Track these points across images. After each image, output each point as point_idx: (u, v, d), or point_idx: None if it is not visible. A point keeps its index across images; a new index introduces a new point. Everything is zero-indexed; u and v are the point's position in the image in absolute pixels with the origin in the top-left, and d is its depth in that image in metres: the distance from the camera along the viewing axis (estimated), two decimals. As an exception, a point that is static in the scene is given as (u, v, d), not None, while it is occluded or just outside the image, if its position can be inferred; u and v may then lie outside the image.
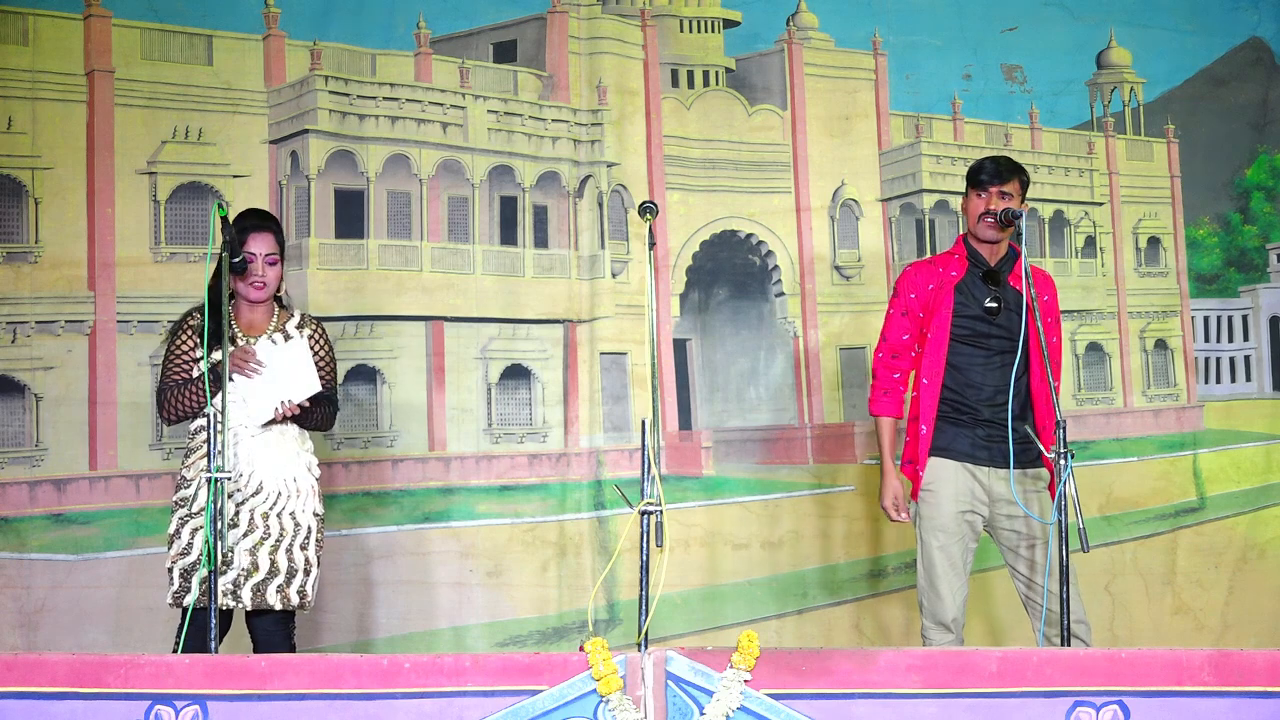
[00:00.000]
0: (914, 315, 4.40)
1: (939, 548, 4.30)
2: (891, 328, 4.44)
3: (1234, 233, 6.55)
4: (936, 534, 4.30)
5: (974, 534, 4.35)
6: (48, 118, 5.39)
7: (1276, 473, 6.37)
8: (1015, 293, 4.28)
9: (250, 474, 4.16)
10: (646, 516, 3.42)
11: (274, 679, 3.19)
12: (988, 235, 4.30)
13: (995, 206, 4.26)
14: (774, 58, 6.21)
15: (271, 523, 4.17)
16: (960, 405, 4.31)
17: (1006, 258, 4.35)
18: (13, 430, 5.32)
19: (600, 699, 3.19)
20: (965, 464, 4.30)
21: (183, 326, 4.24)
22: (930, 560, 4.31)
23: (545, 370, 5.79)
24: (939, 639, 4.30)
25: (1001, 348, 4.28)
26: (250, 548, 4.13)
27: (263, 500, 4.17)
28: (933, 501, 4.31)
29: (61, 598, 5.23)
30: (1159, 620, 6.06)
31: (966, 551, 4.32)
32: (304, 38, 5.66)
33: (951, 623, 4.30)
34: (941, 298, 4.34)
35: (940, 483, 4.31)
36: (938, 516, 4.30)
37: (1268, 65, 6.55)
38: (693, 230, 6.01)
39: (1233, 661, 3.27)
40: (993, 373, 4.29)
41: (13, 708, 3.17)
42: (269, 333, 4.26)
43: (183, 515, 4.12)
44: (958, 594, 4.30)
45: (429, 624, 5.51)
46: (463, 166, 5.84)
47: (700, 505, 5.83)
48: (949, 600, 4.29)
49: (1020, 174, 4.34)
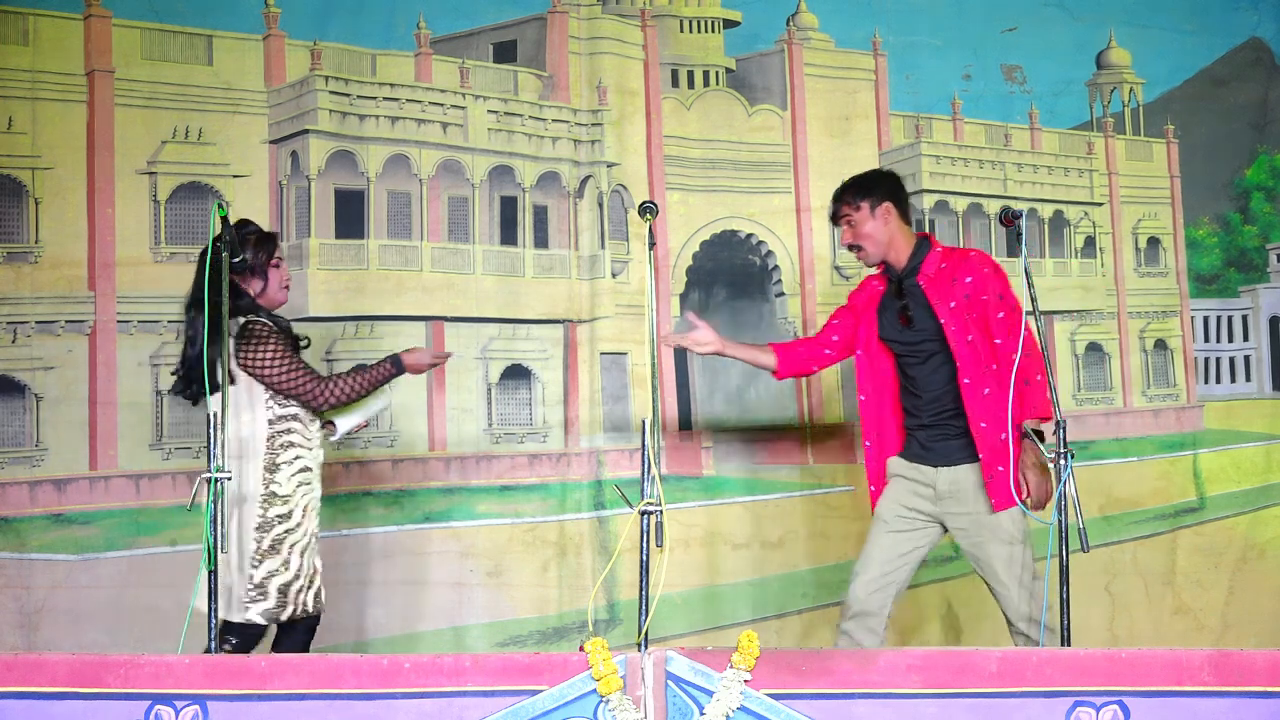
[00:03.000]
0: (844, 315, 4.55)
1: (871, 533, 4.37)
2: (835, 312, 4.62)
3: (1234, 233, 6.55)
4: (875, 520, 4.38)
5: (913, 534, 4.33)
6: (48, 118, 5.39)
7: (1276, 473, 6.37)
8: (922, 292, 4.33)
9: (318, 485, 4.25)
10: (646, 516, 3.42)
11: (274, 679, 3.20)
12: (863, 262, 4.46)
13: (844, 240, 4.43)
14: (774, 58, 6.21)
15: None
16: (910, 411, 4.39)
17: (914, 259, 4.37)
18: (13, 430, 5.32)
19: (600, 699, 3.19)
20: (915, 463, 4.35)
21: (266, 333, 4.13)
22: (864, 546, 4.38)
23: (545, 370, 5.79)
24: (842, 624, 4.30)
25: (932, 350, 4.32)
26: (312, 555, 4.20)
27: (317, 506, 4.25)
28: (885, 492, 4.40)
29: (61, 598, 5.23)
30: (1159, 620, 6.07)
31: (898, 548, 4.32)
32: (304, 38, 5.66)
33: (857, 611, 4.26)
34: (868, 315, 4.46)
35: (893, 477, 4.40)
36: (881, 506, 4.39)
37: (1268, 65, 6.55)
38: (693, 230, 6.01)
39: (1233, 661, 3.27)
40: (929, 376, 4.33)
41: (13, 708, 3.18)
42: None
43: (280, 532, 4.10)
44: (870, 582, 4.28)
45: (429, 624, 5.51)
46: (463, 166, 5.84)
47: (700, 505, 5.83)
48: (857, 584, 4.30)
49: (846, 193, 4.42)
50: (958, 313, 4.25)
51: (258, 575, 4.09)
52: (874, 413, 4.45)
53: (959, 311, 4.25)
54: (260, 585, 4.09)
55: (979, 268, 4.31)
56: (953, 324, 4.25)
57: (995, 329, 4.25)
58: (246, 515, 4.11)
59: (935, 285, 4.31)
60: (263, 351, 4.12)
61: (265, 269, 4.25)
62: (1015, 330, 4.20)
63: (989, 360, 4.23)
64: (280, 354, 4.13)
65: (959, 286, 4.28)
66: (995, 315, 4.26)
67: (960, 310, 4.26)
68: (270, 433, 4.16)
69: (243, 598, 4.08)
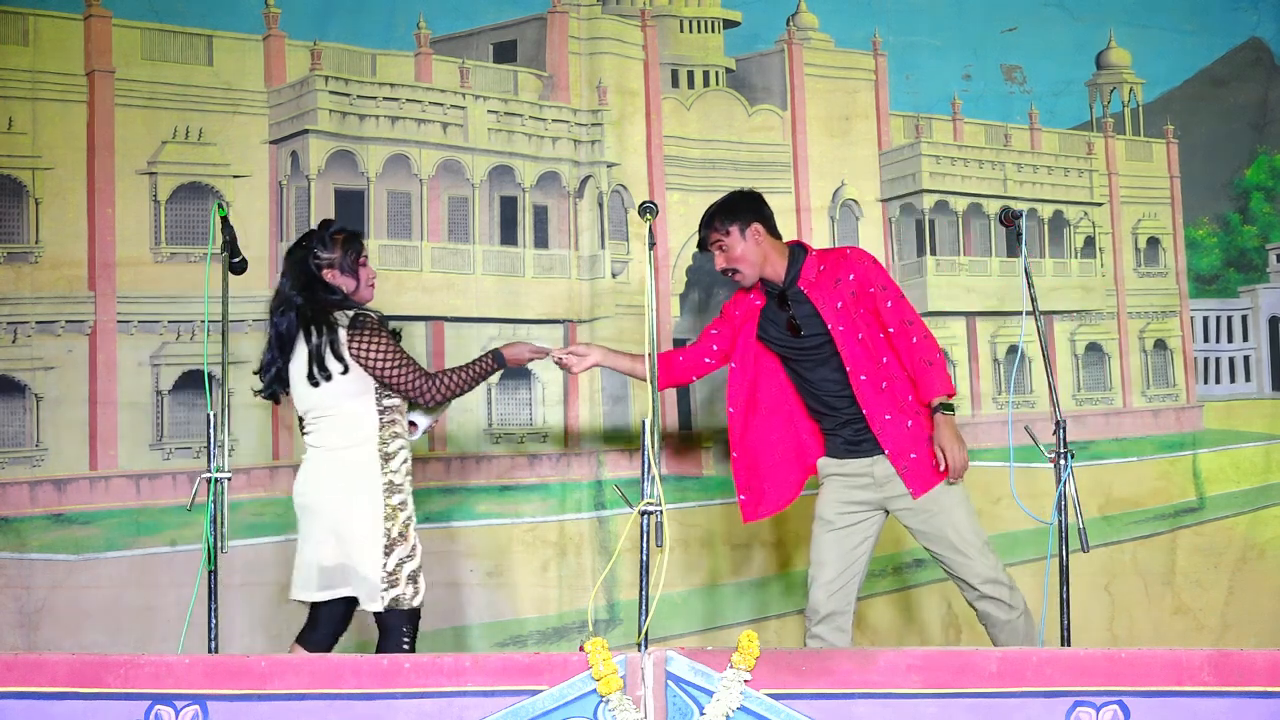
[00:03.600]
0: (721, 325, 4.61)
1: (815, 534, 4.40)
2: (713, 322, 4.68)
3: (1233, 233, 6.55)
4: (816, 520, 4.41)
5: (863, 524, 4.37)
6: (48, 118, 5.39)
7: (1276, 473, 6.37)
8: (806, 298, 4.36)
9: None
10: (646, 516, 3.43)
11: (274, 679, 3.20)
12: (741, 284, 4.46)
13: (718, 264, 4.46)
14: (774, 58, 6.21)
15: None
16: (821, 414, 4.43)
17: (792, 268, 4.41)
18: (13, 430, 5.32)
19: (600, 699, 3.19)
20: (846, 458, 4.38)
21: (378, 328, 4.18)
22: (811, 549, 4.41)
23: (545, 370, 5.78)
24: (812, 629, 4.32)
25: (827, 353, 4.35)
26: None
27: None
28: (821, 492, 4.44)
29: (61, 598, 5.23)
30: (1159, 620, 6.07)
31: (847, 543, 4.34)
32: (304, 38, 5.66)
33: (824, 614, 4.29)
34: (746, 327, 4.48)
35: (826, 477, 4.43)
36: (820, 505, 4.42)
37: (1267, 65, 6.55)
38: (693, 230, 5.98)
39: (1232, 661, 3.27)
40: (828, 378, 4.36)
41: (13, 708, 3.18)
42: None
43: (404, 519, 4.14)
44: (828, 584, 4.31)
45: (429, 624, 5.49)
46: (463, 166, 5.84)
47: (700, 505, 5.82)
48: (817, 589, 4.33)
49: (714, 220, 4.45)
50: (844, 312, 4.30)
51: (389, 563, 4.11)
52: (740, 424, 4.48)
53: (846, 311, 4.30)
54: (393, 573, 4.11)
55: (858, 264, 4.37)
56: (840, 324, 4.29)
57: (886, 318, 4.30)
58: (366, 506, 4.13)
59: (818, 289, 4.35)
60: (376, 343, 4.15)
61: (355, 268, 4.27)
62: (904, 316, 4.29)
63: (880, 354, 4.29)
64: (391, 347, 4.17)
65: (843, 285, 4.32)
66: (884, 305, 4.31)
67: (847, 309, 4.30)
68: (381, 422, 4.19)
69: (379, 585, 4.10)
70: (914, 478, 4.24)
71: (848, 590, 4.32)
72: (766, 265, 4.41)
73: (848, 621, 4.33)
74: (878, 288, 4.32)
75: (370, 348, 4.13)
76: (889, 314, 4.29)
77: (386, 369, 4.13)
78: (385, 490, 4.14)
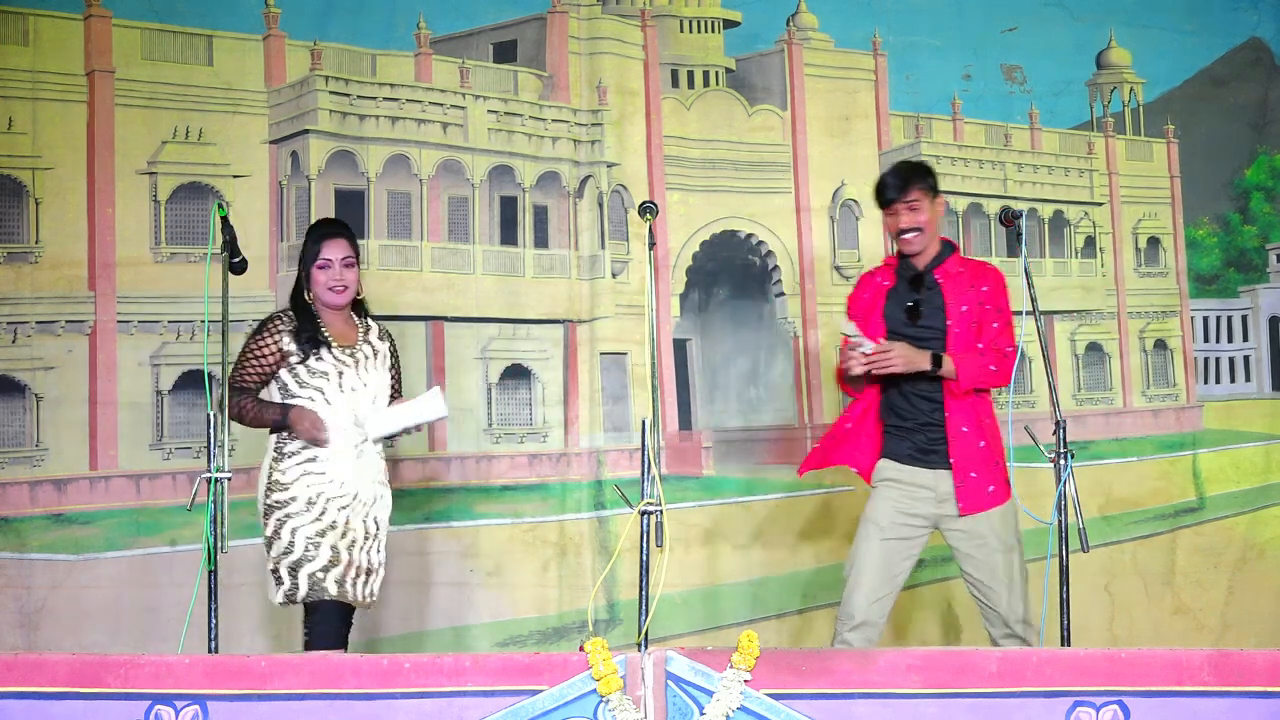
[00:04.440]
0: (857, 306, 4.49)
1: (864, 538, 4.31)
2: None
3: (1233, 233, 6.55)
4: (867, 524, 4.32)
5: (915, 540, 4.32)
6: (48, 118, 5.39)
7: (1276, 473, 6.37)
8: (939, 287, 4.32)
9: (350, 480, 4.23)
10: (646, 516, 3.43)
11: (274, 679, 3.20)
12: (907, 250, 4.35)
13: (905, 223, 4.30)
14: (774, 58, 6.21)
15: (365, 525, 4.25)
16: (899, 411, 4.34)
17: (938, 257, 4.37)
18: (13, 430, 5.32)
19: (600, 699, 3.19)
20: (913, 466, 4.31)
21: (268, 328, 4.25)
22: (854, 550, 4.33)
23: (545, 370, 5.79)
24: (844, 634, 4.26)
25: (936, 346, 4.29)
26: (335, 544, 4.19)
27: (359, 505, 4.24)
28: (876, 496, 4.34)
29: (61, 598, 5.23)
30: (1159, 620, 6.06)
31: (898, 553, 4.29)
32: (304, 38, 5.66)
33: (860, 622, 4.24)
34: (874, 306, 4.41)
35: (883, 482, 4.35)
36: (874, 510, 4.33)
37: (1267, 65, 6.55)
38: (693, 230, 6.02)
39: (1232, 661, 3.27)
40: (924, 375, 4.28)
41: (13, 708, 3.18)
42: (358, 344, 4.33)
43: (280, 516, 4.14)
44: (872, 591, 4.25)
45: (429, 624, 5.51)
46: (463, 166, 5.84)
47: (700, 505, 5.83)
48: (858, 594, 4.26)
49: (919, 178, 4.34)
50: (966, 317, 4.27)
51: (270, 560, 4.16)
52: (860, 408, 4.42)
53: (967, 316, 4.27)
54: (274, 570, 4.15)
55: (994, 281, 4.35)
56: (958, 326, 4.26)
57: (986, 335, 4.27)
58: (258, 501, 4.20)
59: (953, 283, 4.31)
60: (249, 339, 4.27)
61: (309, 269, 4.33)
62: (1003, 343, 4.26)
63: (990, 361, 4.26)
64: (246, 348, 4.24)
65: (974, 293, 4.29)
66: (990, 325, 4.28)
67: (970, 314, 4.27)
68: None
69: (271, 581, 4.17)
70: (966, 495, 4.19)
71: (884, 603, 4.28)
72: (932, 242, 4.36)
73: (878, 633, 4.29)
74: (994, 308, 4.30)
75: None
76: (990, 333, 4.27)
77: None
78: (268, 488, 4.17)
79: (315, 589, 4.13)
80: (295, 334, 4.23)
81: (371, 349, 4.36)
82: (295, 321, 4.25)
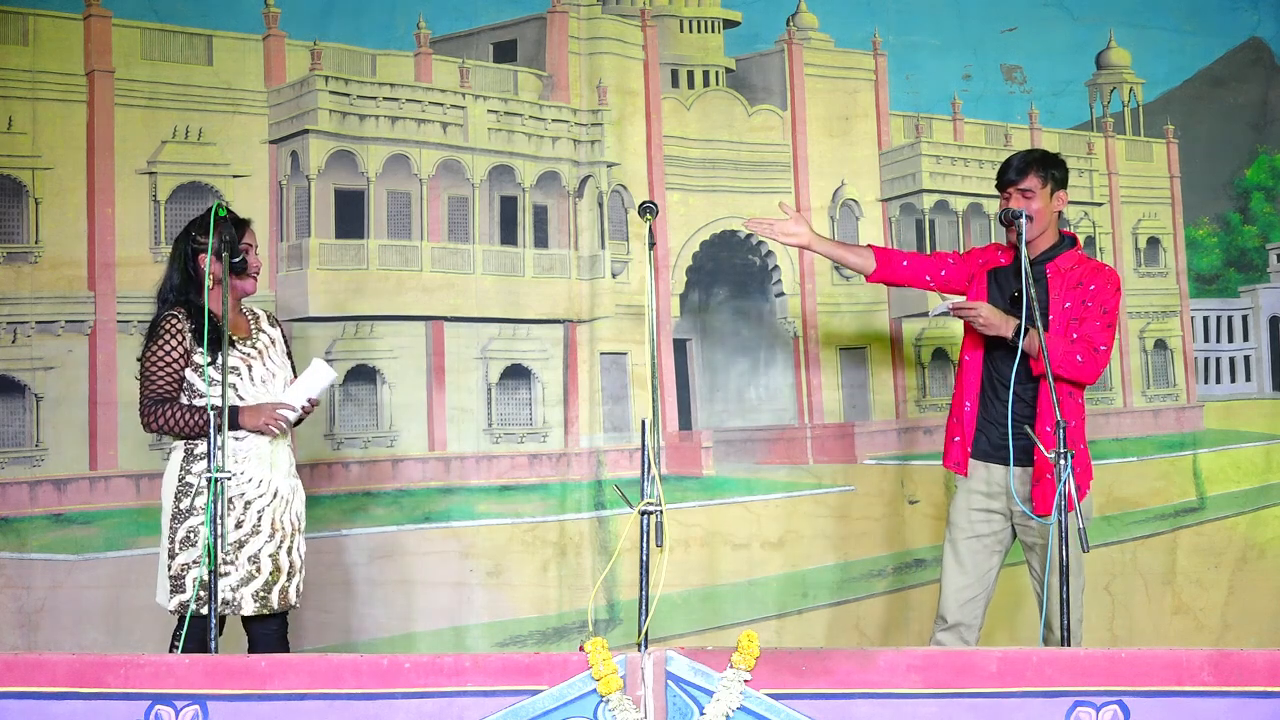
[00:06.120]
0: (959, 262, 4.53)
1: (949, 541, 4.42)
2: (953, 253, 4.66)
3: (1234, 233, 6.55)
4: (951, 528, 4.42)
5: (996, 535, 4.36)
6: (48, 118, 5.39)
7: (1276, 473, 6.37)
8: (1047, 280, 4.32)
9: (267, 478, 4.17)
10: (646, 516, 3.42)
11: (274, 679, 3.20)
12: (1010, 236, 4.33)
13: (1011, 205, 4.31)
14: (774, 58, 6.21)
15: (284, 523, 4.20)
16: (989, 399, 4.38)
17: (1051, 250, 4.36)
18: (13, 430, 5.32)
19: (600, 699, 3.19)
20: (989, 463, 4.35)
21: (165, 330, 4.15)
22: (944, 553, 4.44)
23: (545, 370, 5.79)
24: (937, 634, 4.33)
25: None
26: (257, 551, 4.13)
27: (280, 502, 4.19)
28: (956, 498, 4.43)
29: (61, 598, 5.23)
30: (1159, 620, 6.06)
31: (982, 552, 4.34)
32: (304, 38, 5.66)
33: (954, 623, 4.29)
34: (981, 277, 4.42)
35: (964, 480, 4.42)
36: (954, 512, 4.42)
37: (1267, 65, 6.55)
38: (693, 230, 6.01)
39: (1233, 661, 3.27)
40: (1023, 363, 4.25)
41: (13, 708, 3.18)
42: (253, 334, 4.28)
43: (195, 524, 4.06)
44: (959, 592, 4.32)
45: (429, 624, 5.51)
46: (463, 166, 5.84)
47: (700, 505, 5.82)
48: (947, 595, 4.37)
49: (1041, 167, 4.35)
50: (1067, 314, 4.27)
51: (174, 566, 4.09)
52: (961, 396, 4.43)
53: (1068, 314, 4.27)
54: (177, 577, 4.08)
55: (1105, 281, 4.33)
56: (1058, 323, 4.25)
57: (1081, 328, 4.27)
58: (163, 504, 4.15)
59: (1062, 279, 4.31)
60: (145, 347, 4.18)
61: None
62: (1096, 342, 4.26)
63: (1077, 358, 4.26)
64: (149, 355, 4.14)
65: (1081, 291, 4.29)
66: (1091, 321, 4.28)
67: (1070, 313, 4.27)
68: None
69: (166, 587, 4.10)
70: (1040, 494, 4.22)
71: (976, 603, 4.34)
72: (1044, 233, 4.36)
73: (974, 635, 4.33)
74: (1099, 306, 4.29)
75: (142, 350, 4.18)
76: (1088, 327, 4.26)
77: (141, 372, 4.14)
78: (179, 492, 4.11)
79: (227, 605, 4.05)
80: (195, 333, 4.11)
81: (268, 338, 4.32)
82: (192, 320, 4.14)
